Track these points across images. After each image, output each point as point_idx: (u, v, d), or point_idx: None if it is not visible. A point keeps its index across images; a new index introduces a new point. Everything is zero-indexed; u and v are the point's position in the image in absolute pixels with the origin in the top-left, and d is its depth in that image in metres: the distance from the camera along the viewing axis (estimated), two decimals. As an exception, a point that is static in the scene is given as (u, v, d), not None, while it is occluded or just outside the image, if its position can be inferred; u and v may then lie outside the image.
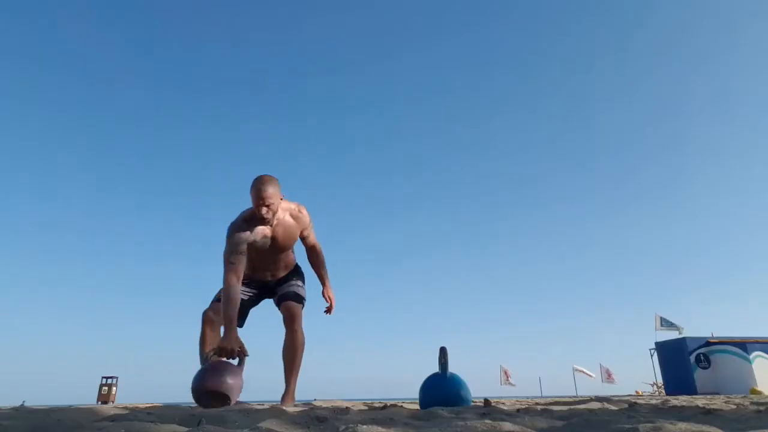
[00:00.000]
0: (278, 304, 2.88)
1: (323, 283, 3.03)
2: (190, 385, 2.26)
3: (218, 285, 2.68)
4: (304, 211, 2.85)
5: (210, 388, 2.20)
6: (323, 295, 3.01)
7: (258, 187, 2.55)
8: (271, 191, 2.57)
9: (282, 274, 2.94)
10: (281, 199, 2.67)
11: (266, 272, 2.89)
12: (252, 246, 2.66)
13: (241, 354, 2.35)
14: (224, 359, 2.33)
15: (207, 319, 2.71)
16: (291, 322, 2.77)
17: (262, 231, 2.67)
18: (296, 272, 3.02)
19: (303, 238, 2.93)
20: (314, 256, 3.01)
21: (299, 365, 2.74)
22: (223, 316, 2.44)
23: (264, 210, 2.55)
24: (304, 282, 3.01)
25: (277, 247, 2.77)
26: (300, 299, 2.88)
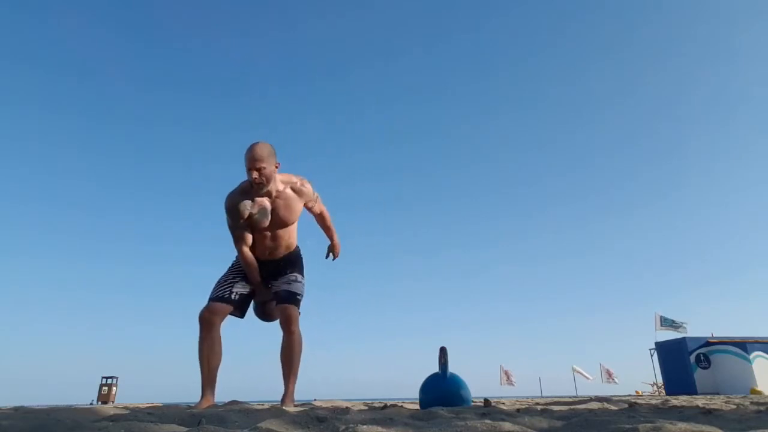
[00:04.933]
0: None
1: (330, 238, 3.14)
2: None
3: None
4: (308, 185, 2.76)
5: None
6: (328, 251, 3.17)
7: (250, 151, 2.48)
8: (264, 155, 2.48)
9: (282, 253, 2.81)
10: (277, 166, 2.58)
11: (265, 250, 2.76)
12: (250, 220, 2.59)
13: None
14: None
15: (204, 321, 2.61)
16: (287, 324, 2.69)
17: (260, 202, 2.59)
18: (295, 261, 2.88)
19: (309, 209, 2.88)
20: (321, 219, 3.05)
21: (297, 367, 2.68)
22: (249, 279, 2.74)
23: (255, 174, 2.47)
24: (302, 271, 2.88)
25: (277, 222, 2.67)
26: (295, 299, 2.76)
